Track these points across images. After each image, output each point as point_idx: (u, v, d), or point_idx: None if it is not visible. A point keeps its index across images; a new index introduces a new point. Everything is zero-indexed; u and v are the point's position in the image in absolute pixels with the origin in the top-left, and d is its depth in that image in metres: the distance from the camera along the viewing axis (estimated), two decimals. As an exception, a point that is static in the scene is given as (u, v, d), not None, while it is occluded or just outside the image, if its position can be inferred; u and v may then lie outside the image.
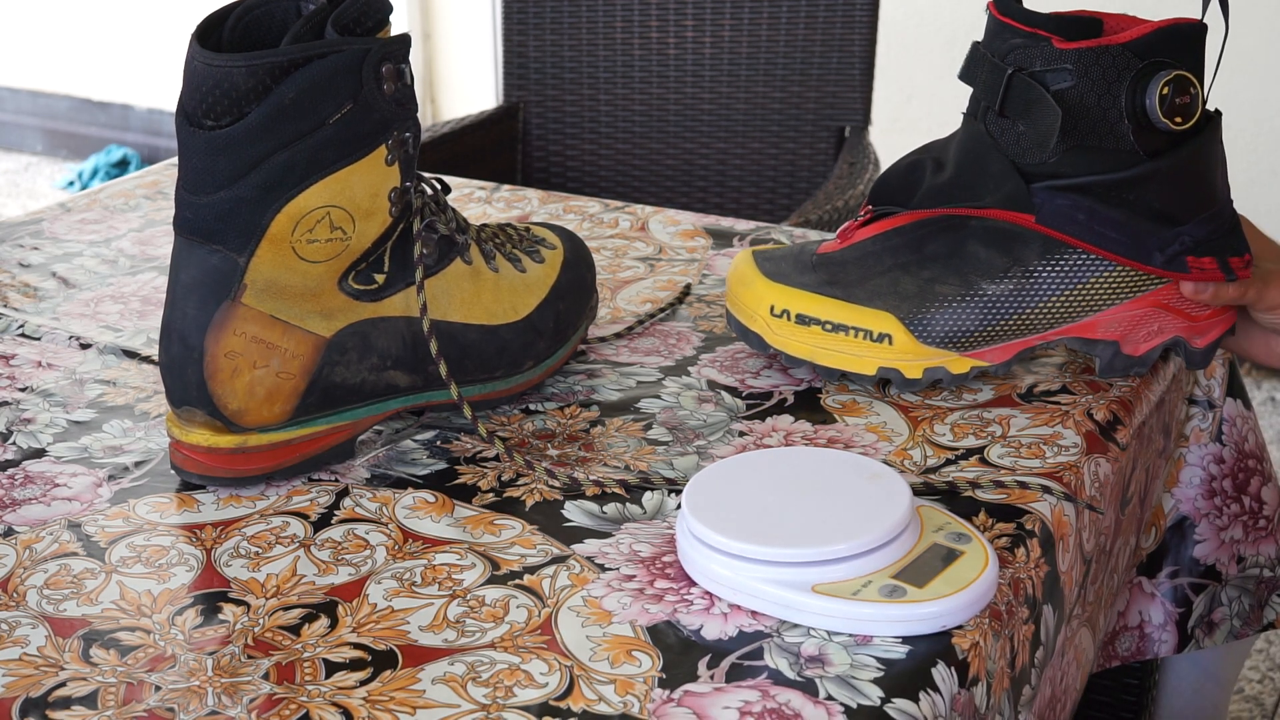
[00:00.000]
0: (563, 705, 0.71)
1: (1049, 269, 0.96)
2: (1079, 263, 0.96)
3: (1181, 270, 0.96)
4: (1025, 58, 0.95)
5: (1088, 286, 0.97)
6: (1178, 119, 0.93)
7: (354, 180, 0.87)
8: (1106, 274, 0.97)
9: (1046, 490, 0.88)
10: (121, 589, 0.80)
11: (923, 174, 1.00)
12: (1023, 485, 0.88)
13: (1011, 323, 0.97)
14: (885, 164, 1.94)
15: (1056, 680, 0.91)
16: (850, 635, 0.75)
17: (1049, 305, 0.97)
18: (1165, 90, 0.92)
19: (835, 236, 1.03)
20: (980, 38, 1.00)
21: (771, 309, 0.98)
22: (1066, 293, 0.97)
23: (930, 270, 0.97)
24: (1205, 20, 0.95)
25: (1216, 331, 1.00)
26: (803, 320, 0.98)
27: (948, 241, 0.97)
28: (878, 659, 0.74)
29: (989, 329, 0.97)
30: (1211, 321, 0.99)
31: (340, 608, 0.79)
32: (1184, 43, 0.94)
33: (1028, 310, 0.97)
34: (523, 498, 0.88)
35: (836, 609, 0.75)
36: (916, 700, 0.72)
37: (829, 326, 0.97)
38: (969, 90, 1.00)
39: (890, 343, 0.97)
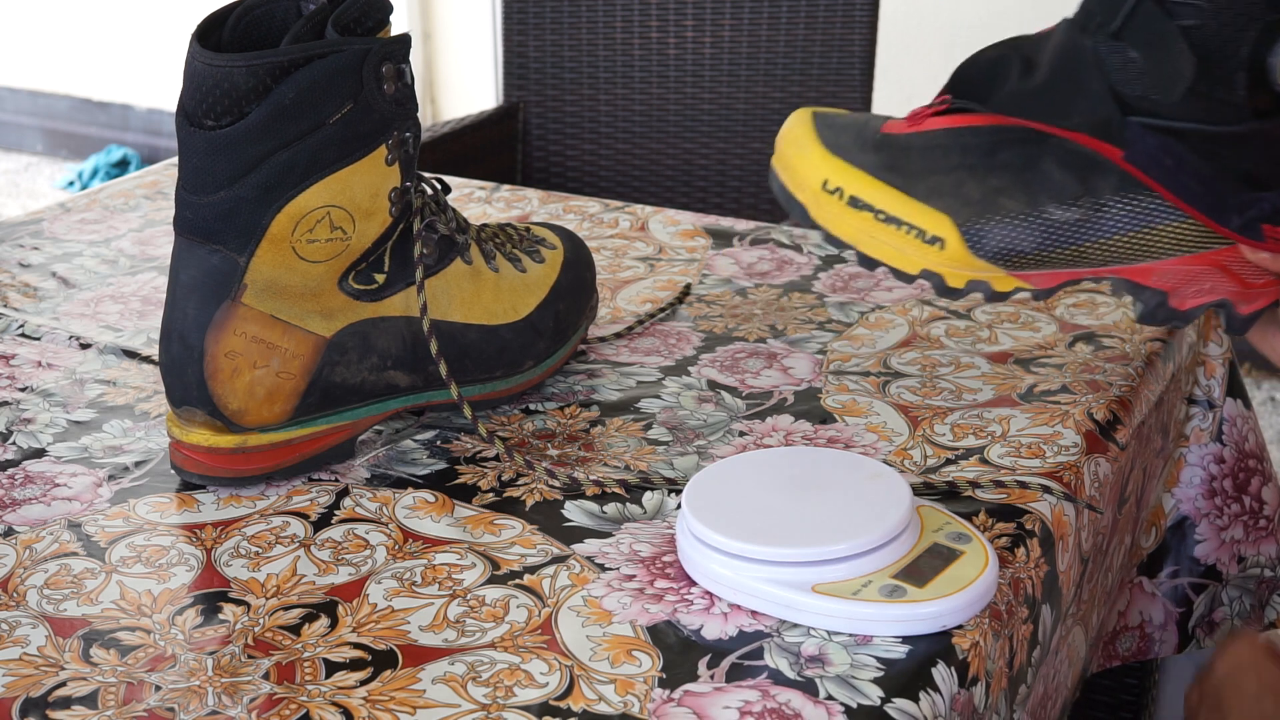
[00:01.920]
0: (563, 705, 0.71)
1: (1120, 206, 0.92)
2: (1152, 207, 0.92)
3: (1256, 238, 0.92)
4: None
5: (1154, 233, 0.93)
6: None
7: (354, 180, 0.87)
8: (1176, 224, 0.92)
9: (1046, 490, 0.88)
10: (121, 589, 0.80)
11: (1009, 72, 0.95)
12: (1023, 485, 0.88)
13: (1069, 252, 0.93)
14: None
15: (1049, 678, 0.91)
16: (850, 635, 0.75)
17: (1110, 243, 0.93)
18: None
19: (904, 118, 0.97)
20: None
21: (825, 184, 0.93)
22: (1131, 234, 0.93)
23: (998, 179, 0.92)
24: None
25: (1263, 300, 0.96)
26: (855, 204, 0.92)
27: (1022, 154, 0.92)
28: (878, 659, 0.74)
29: (1044, 254, 0.93)
30: (1262, 290, 0.96)
31: (340, 608, 0.79)
32: None
33: (1088, 243, 0.93)
34: (523, 498, 0.88)
35: (836, 609, 0.75)
36: (916, 700, 0.72)
37: (882, 217, 0.92)
38: None
39: (942, 248, 0.92)
